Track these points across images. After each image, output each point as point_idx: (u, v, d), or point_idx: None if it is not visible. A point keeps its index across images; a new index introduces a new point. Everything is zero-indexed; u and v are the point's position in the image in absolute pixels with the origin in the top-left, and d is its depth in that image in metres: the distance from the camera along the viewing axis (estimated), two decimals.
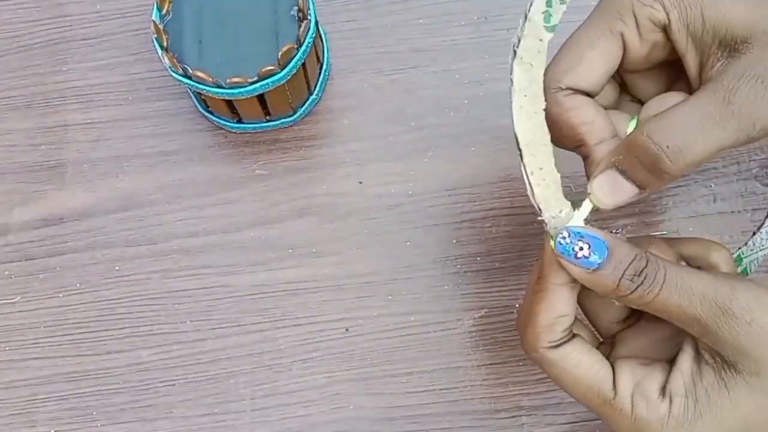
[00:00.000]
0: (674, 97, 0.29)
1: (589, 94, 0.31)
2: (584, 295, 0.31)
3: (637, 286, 0.27)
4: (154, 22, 0.40)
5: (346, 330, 0.42)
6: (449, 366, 0.42)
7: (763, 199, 0.44)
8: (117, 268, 0.44)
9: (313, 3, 0.40)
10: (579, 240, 0.28)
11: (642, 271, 0.27)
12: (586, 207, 0.30)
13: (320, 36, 0.44)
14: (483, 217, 0.44)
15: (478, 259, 0.43)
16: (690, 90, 0.30)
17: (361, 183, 0.45)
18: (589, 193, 0.29)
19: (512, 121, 0.29)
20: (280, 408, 0.41)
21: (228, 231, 0.44)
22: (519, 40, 0.29)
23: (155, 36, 0.40)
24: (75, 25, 0.48)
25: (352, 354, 0.42)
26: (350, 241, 0.44)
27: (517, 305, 0.42)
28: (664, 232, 0.43)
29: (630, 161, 0.28)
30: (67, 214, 0.45)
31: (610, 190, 0.29)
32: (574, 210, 0.30)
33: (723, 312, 0.26)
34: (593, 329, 0.33)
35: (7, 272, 0.44)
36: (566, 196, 0.30)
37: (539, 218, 0.30)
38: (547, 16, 0.29)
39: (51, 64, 0.47)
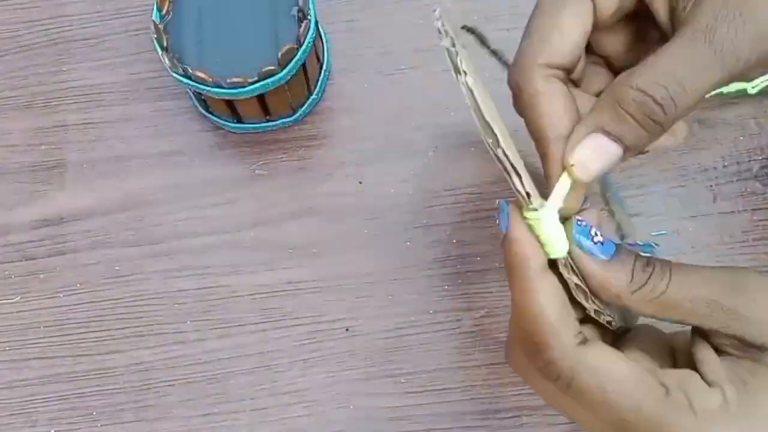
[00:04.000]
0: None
1: (568, 69, 0.29)
2: None
3: (650, 276, 0.26)
4: (154, 22, 0.40)
5: (346, 330, 0.42)
6: (449, 366, 0.42)
7: (763, 199, 0.44)
8: (117, 268, 0.44)
9: (313, 3, 0.40)
10: (593, 226, 0.26)
11: (649, 262, 0.26)
12: (564, 185, 0.27)
13: (320, 36, 0.44)
14: (483, 217, 0.44)
15: (478, 259, 0.43)
16: (660, 39, 0.28)
17: (361, 183, 0.45)
18: (572, 165, 0.27)
19: (479, 122, 0.27)
20: (280, 408, 0.41)
21: (228, 231, 0.44)
22: (455, 54, 0.27)
23: (155, 36, 0.40)
24: (75, 25, 0.48)
25: (352, 354, 0.42)
26: (350, 241, 0.44)
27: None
28: (664, 232, 0.43)
29: (619, 118, 0.26)
30: (67, 214, 0.45)
31: (594, 155, 0.26)
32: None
33: (735, 288, 0.25)
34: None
35: (7, 272, 0.44)
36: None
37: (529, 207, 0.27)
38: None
39: (51, 64, 0.47)
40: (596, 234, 0.26)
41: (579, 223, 0.26)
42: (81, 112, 0.46)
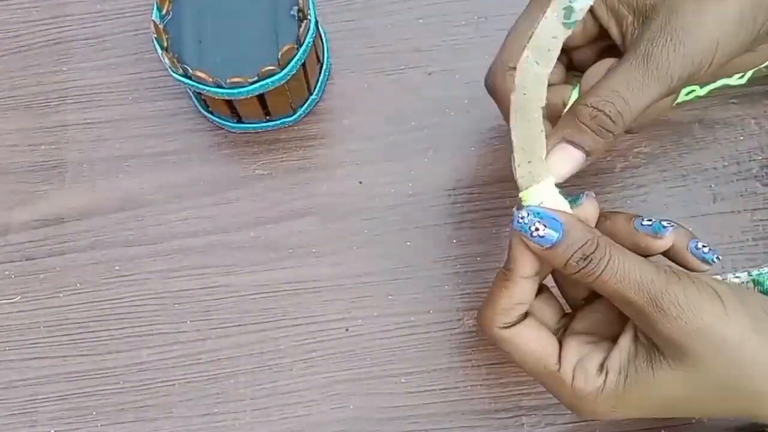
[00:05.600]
0: (605, 63, 0.34)
1: None
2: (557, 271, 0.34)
3: (581, 268, 0.30)
4: (154, 22, 0.40)
5: (346, 330, 0.42)
6: (449, 366, 0.42)
7: (763, 199, 0.44)
8: (117, 268, 0.44)
9: (313, 3, 0.40)
10: (537, 220, 0.30)
11: (589, 255, 0.30)
12: (549, 181, 0.32)
13: (320, 36, 0.44)
14: (483, 217, 0.44)
15: (478, 259, 0.43)
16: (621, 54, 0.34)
17: (361, 183, 0.45)
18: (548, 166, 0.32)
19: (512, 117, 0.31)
20: (280, 408, 0.41)
21: (228, 231, 0.44)
22: (530, 37, 0.29)
23: (155, 36, 0.40)
24: (75, 25, 0.48)
25: (352, 354, 0.42)
26: (350, 241, 0.44)
27: None
28: None
29: (578, 130, 0.31)
30: (67, 214, 0.45)
31: (563, 160, 0.32)
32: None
33: (653, 303, 0.29)
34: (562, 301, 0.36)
35: (7, 272, 0.44)
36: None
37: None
38: (569, 12, 0.29)
39: (51, 64, 0.47)
40: (537, 228, 0.30)
41: (519, 219, 0.31)
42: (81, 112, 0.46)
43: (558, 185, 0.32)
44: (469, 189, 0.44)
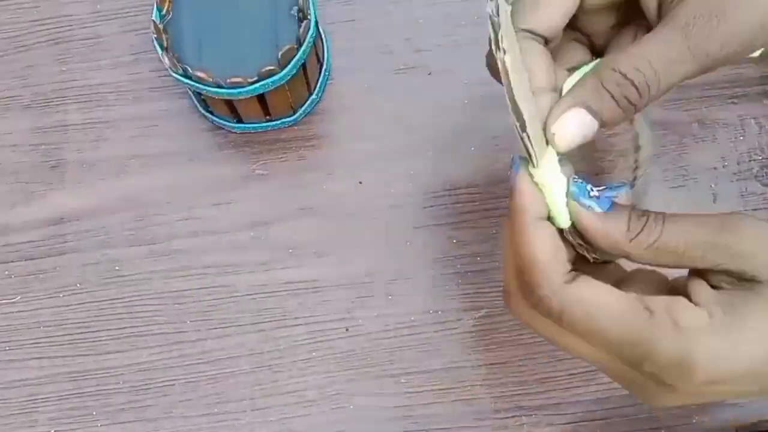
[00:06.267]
0: (629, 37, 0.32)
1: (546, 39, 0.31)
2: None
3: (645, 224, 0.27)
4: (154, 22, 0.40)
5: (346, 330, 0.42)
6: (449, 366, 0.42)
7: (763, 199, 0.44)
8: (117, 268, 0.44)
9: (313, 3, 0.40)
10: (587, 185, 0.28)
11: (644, 212, 0.28)
12: (552, 152, 0.29)
13: (320, 36, 0.44)
14: (483, 217, 0.44)
15: (478, 259, 0.43)
16: (643, 25, 0.31)
17: (361, 183, 0.45)
18: (553, 134, 0.28)
19: (510, 104, 0.28)
20: (280, 408, 0.41)
21: (228, 231, 0.44)
22: (498, 25, 0.27)
23: (155, 36, 0.40)
24: (75, 25, 0.48)
25: (352, 354, 0.42)
26: (350, 241, 0.44)
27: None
28: None
29: (600, 96, 0.28)
30: (67, 214, 0.45)
31: (573, 127, 0.28)
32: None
33: (726, 227, 0.27)
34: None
35: (7, 272, 0.44)
36: None
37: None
38: None
39: (51, 64, 0.47)
40: (592, 189, 0.28)
41: (575, 180, 0.28)
42: (81, 112, 0.46)
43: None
44: (469, 189, 0.44)
